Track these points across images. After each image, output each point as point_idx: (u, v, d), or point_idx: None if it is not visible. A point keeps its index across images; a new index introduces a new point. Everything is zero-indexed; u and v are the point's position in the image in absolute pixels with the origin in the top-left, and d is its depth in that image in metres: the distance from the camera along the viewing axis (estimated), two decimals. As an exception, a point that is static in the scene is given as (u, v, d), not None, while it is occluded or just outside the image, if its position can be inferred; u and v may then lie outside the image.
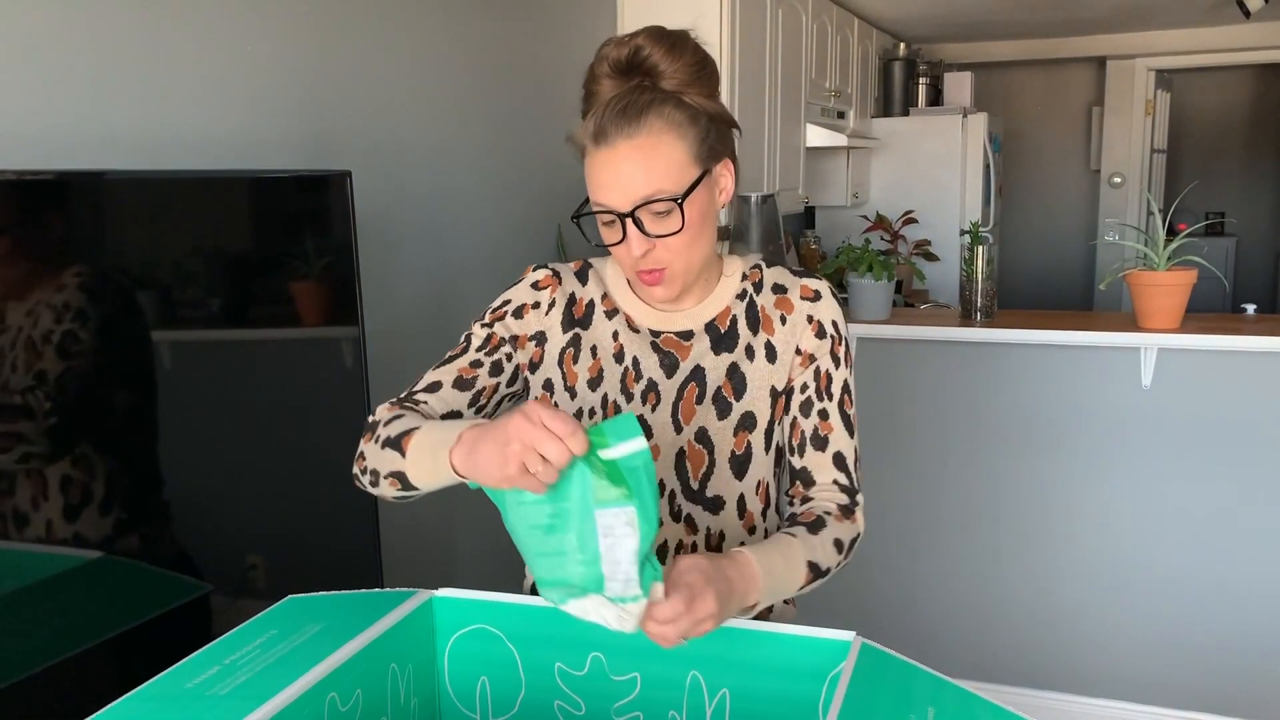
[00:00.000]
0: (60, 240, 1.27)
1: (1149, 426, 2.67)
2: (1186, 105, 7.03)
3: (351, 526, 1.74)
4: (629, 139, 1.13)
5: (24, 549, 1.25)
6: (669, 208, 1.15)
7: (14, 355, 1.20)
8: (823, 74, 4.16)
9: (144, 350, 1.37)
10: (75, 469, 1.27)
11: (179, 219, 1.46)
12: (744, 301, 1.29)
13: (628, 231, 1.16)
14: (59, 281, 1.25)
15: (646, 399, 1.25)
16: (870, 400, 2.91)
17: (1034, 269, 6.86)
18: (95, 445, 1.29)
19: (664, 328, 1.28)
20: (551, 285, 1.29)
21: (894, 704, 0.93)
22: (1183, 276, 2.55)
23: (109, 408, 1.31)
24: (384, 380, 2.09)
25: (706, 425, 1.25)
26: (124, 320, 1.34)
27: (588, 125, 1.16)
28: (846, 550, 1.23)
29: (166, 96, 1.63)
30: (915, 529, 2.93)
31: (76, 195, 1.30)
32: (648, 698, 1.11)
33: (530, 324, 1.28)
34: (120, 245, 1.37)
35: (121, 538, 1.34)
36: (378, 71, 2.13)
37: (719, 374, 1.26)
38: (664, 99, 1.15)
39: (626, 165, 1.13)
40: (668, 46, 1.15)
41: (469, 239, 2.47)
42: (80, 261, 1.29)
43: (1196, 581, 2.68)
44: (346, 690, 1.02)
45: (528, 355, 1.28)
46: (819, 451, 1.26)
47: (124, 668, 1.33)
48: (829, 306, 1.28)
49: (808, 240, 4.63)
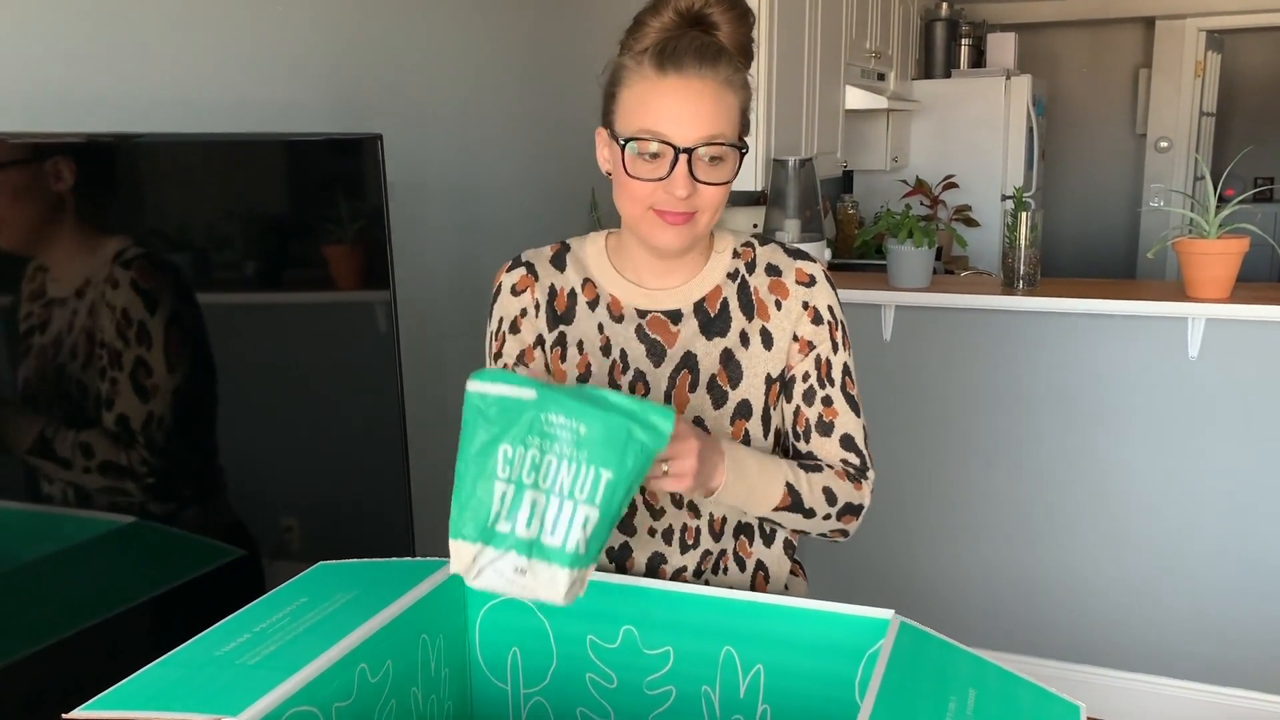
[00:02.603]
0: (97, 205, 1.26)
1: (1195, 399, 2.61)
2: (1236, 67, 6.83)
3: (384, 492, 1.74)
4: (702, 77, 1.11)
5: (59, 513, 1.25)
6: (723, 153, 1.13)
7: (64, 323, 1.19)
8: (863, 35, 4.08)
9: (188, 317, 1.36)
10: (110, 434, 1.27)
11: (211, 182, 1.45)
12: (735, 282, 1.25)
13: (677, 169, 1.12)
14: (104, 250, 1.24)
15: (635, 390, 1.23)
16: (909, 369, 2.88)
17: (1076, 236, 6.73)
18: (132, 411, 1.29)
19: (651, 307, 1.24)
20: (529, 285, 1.26)
21: (934, 685, 0.91)
22: (1234, 245, 2.48)
23: (147, 375, 1.30)
24: (416, 344, 2.08)
25: (703, 415, 1.22)
26: (170, 288, 1.33)
27: (650, 51, 1.12)
28: (841, 509, 1.21)
29: (196, 59, 1.61)
30: (955, 500, 2.90)
31: (109, 158, 1.28)
32: (680, 672, 1.10)
33: (527, 334, 1.26)
34: (156, 209, 1.35)
35: (156, 502, 1.34)
36: (408, 33, 2.10)
37: (712, 360, 1.23)
38: (730, 55, 1.15)
39: (698, 100, 1.11)
40: (738, 14, 1.16)
41: (501, 201, 2.45)
42: (125, 230, 1.28)
43: (1243, 557, 2.62)
44: (377, 661, 1.01)
45: (537, 368, 1.26)
46: (825, 437, 1.24)
47: (159, 631, 1.34)
48: (824, 291, 1.25)
49: (845, 205, 4.56)
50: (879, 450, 2.93)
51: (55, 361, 1.20)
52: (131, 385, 1.28)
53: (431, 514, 2.04)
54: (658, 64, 1.11)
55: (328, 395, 1.65)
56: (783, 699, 1.06)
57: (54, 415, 1.21)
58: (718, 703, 1.09)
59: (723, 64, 1.12)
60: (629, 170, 1.14)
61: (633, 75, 1.14)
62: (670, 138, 1.11)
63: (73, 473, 1.24)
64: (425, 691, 1.10)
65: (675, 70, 1.11)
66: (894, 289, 2.83)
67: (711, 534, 1.26)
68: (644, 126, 1.12)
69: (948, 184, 3.99)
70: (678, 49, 1.11)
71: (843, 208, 4.55)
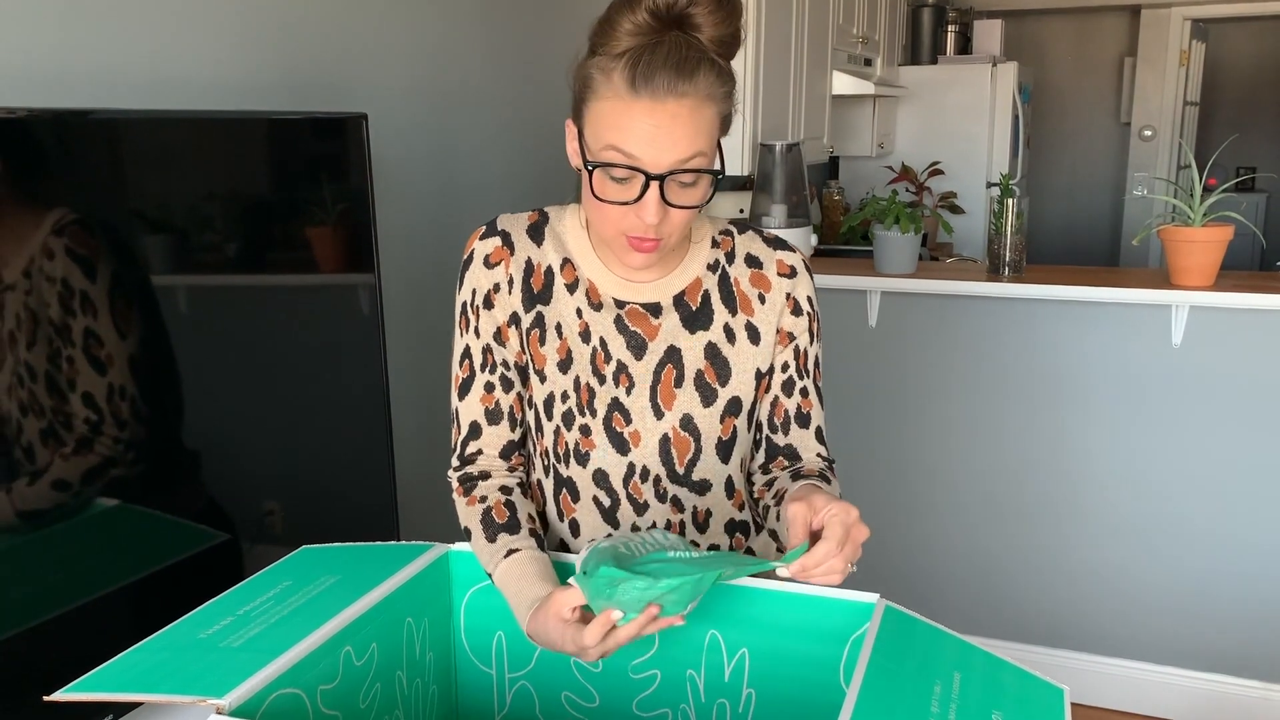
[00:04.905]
0: (66, 183, 1.24)
1: (1179, 386, 2.62)
2: (1220, 56, 6.86)
3: (368, 477, 1.73)
4: (680, 97, 1.02)
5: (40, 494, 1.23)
6: (696, 179, 1.06)
7: (23, 303, 1.17)
8: (850, 20, 4.07)
9: (132, 281, 1.34)
10: (93, 416, 1.26)
11: (192, 161, 1.43)
12: (716, 274, 1.22)
13: (648, 195, 1.05)
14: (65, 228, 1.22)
15: (619, 381, 1.19)
16: (895, 356, 2.88)
17: (1061, 223, 6.76)
18: (111, 391, 1.28)
19: (630, 298, 1.20)
20: (504, 258, 1.20)
21: (919, 669, 0.91)
22: (1219, 233, 2.49)
23: (126, 356, 1.29)
24: (400, 326, 2.07)
25: (692, 412, 1.19)
26: (135, 268, 1.32)
27: (623, 64, 1.03)
28: None
29: (178, 35, 1.59)
30: (939, 486, 2.91)
31: (85, 135, 1.27)
32: (666, 656, 1.10)
33: (500, 311, 1.20)
34: (134, 187, 1.34)
35: (138, 485, 1.33)
36: (395, 10, 2.08)
37: (696, 355, 1.20)
38: (710, 61, 1.05)
39: (672, 123, 1.02)
40: (725, 13, 1.06)
41: (485, 183, 2.43)
42: (88, 206, 1.26)
43: (1226, 544, 2.65)
44: (361, 644, 1.00)
45: (514, 346, 1.21)
46: (803, 429, 1.24)
47: (142, 614, 1.33)
48: (805, 281, 1.24)
49: (831, 191, 4.56)
50: (864, 436, 2.94)
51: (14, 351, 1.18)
52: (87, 359, 1.25)
53: (415, 497, 2.04)
54: (629, 81, 1.02)
55: (312, 378, 1.64)
56: (768, 683, 1.07)
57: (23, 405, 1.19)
58: (702, 686, 1.09)
59: (701, 76, 1.03)
60: (596, 191, 1.07)
61: (602, 88, 1.05)
62: (641, 163, 1.03)
63: (48, 457, 1.22)
64: (410, 675, 1.10)
65: (648, 91, 1.01)
66: (880, 275, 2.83)
67: (696, 527, 1.24)
68: (612, 144, 1.04)
69: (933, 170, 3.99)
70: (651, 64, 1.01)
71: (829, 193, 4.55)
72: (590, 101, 1.07)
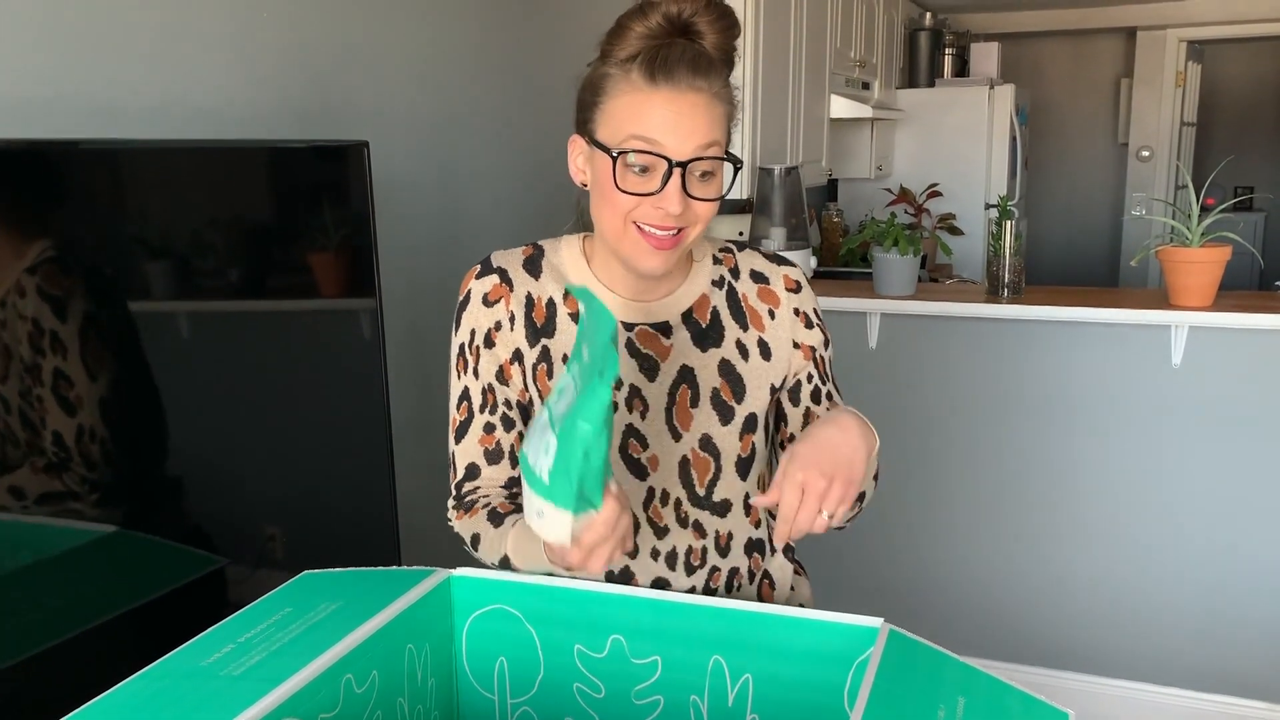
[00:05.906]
0: (60, 215, 1.25)
1: (1178, 406, 2.62)
2: (1216, 77, 6.90)
3: (370, 501, 1.73)
4: (695, 89, 1.07)
5: (38, 522, 1.23)
6: (715, 167, 1.10)
7: (17, 331, 1.18)
8: (848, 44, 4.09)
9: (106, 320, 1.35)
10: (92, 443, 1.26)
11: (195, 190, 1.43)
12: (722, 290, 1.23)
13: (670, 184, 1.07)
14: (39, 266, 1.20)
15: (633, 406, 1.18)
16: (895, 377, 2.88)
17: (1059, 244, 6.78)
18: (112, 418, 1.28)
19: (638, 320, 1.19)
20: (503, 295, 1.19)
21: (923, 693, 0.91)
22: (1217, 253, 2.50)
23: (126, 384, 1.29)
24: (401, 352, 2.07)
25: (710, 432, 1.19)
26: (127, 299, 1.32)
27: (640, 60, 1.07)
28: (861, 499, 1.22)
29: (181, 65, 1.60)
30: (940, 508, 2.90)
31: (91, 166, 1.27)
32: (669, 681, 1.09)
33: (503, 349, 1.19)
34: (136, 216, 1.34)
35: (138, 511, 1.33)
36: (396, 39, 2.09)
37: (710, 373, 1.19)
38: (719, 64, 1.11)
39: (692, 111, 1.07)
40: (725, 24, 1.12)
41: (486, 208, 2.44)
42: (84, 238, 1.26)
43: (1228, 564, 2.64)
44: (362, 671, 1.00)
45: (518, 383, 1.20)
46: None
47: (143, 642, 1.32)
48: (809, 294, 1.27)
49: (830, 213, 4.57)
50: (865, 458, 2.93)
51: None
52: (55, 399, 1.22)
53: (417, 522, 2.03)
54: (648, 74, 1.07)
55: (313, 403, 1.64)
56: (772, 708, 1.06)
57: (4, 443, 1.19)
58: (706, 712, 1.08)
59: (714, 75, 1.09)
60: (619, 183, 1.08)
61: (619, 85, 1.09)
62: (664, 149, 1.07)
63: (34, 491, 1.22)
64: (412, 702, 1.09)
65: (668, 81, 1.06)
66: (879, 297, 2.83)
67: (718, 551, 1.23)
68: (635, 133, 1.07)
69: (932, 192, 4.01)
70: (669, 59, 1.07)
71: (827, 216, 4.57)
72: (605, 102, 1.10)
